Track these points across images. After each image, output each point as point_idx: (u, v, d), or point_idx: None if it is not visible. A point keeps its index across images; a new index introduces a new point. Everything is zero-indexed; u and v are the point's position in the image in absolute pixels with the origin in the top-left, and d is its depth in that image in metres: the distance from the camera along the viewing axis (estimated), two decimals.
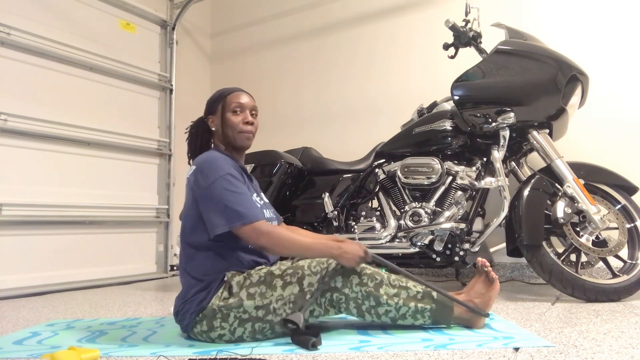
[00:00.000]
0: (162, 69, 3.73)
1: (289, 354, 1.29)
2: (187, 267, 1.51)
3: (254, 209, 1.46)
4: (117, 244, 3.29)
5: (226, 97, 1.61)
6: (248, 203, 1.45)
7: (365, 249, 1.47)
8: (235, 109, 1.59)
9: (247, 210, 1.43)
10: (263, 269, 1.50)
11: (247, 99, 1.62)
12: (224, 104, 1.60)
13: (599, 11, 2.71)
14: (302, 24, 3.79)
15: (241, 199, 1.44)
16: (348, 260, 1.44)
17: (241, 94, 1.63)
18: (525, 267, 2.75)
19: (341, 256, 1.43)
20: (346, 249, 1.44)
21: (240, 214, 1.41)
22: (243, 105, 1.61)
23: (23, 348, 1.44)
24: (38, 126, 2.86)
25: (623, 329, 1.49)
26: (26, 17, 2.86)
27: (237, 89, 1.65)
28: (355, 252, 1.44)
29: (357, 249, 1.45)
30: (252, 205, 1.46)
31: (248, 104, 1.62)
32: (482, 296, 1.54)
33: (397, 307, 1.47)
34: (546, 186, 2.13)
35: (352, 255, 1.43)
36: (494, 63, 2.21)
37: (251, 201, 1.48)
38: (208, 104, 1.65)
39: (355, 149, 3.30)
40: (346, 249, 1.44)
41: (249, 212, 1.43)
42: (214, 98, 1.64)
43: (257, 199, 1.59)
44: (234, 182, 1.47)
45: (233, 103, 1.60)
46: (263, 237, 1.41)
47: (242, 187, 1.48)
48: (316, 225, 2.63)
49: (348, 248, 1.44)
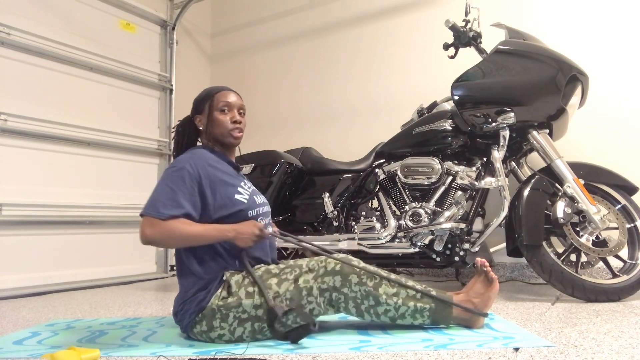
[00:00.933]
0: (162, 69, 3.73)
1: (289, 354, 1.29)
2: (186, 266, 1.51)
3: (169, 207, 1.40)
4: (117, 244, 3.29)
5: (213, 96, 1.61)
6: (167, 199, 1.41)
7: (260, 226, 1.47)
8: (223, 107, 1.59)
9: (155, 203, 1.40)
10: (261, 267, 1.50)
11: (234, 98, 1.61)
12: (212, 103, 1.60)
13: (599, 11, 2.71)
14: (302, 24, 3.79)
15: (167, 193, 1.42)
16: (244, 240, 1.44)
17: (229, 92, 1.62)
18: (525, 267, 2.75)
19: (237, 237, 1.44)
20: (241, 229, 1.44)
21: (148, 205, 1.41)
22: (231, 104, 1.60)
23: (23, 348, 1.44)
24: (38, 126, 2.86)
25: (623, 329, 1.49)
26: (26, 17, 2.86)
27: (224, 87, 1.64)
28: (249, 231, 1.44)
29: (251, 228, 1.45)
30: (170, 202, 1.41)
31: (236, 102, 1.61)
32: (481, 296, 1.54)
33: (397, 307, 1.47)
34: (546, 186, 2.13)
35: (247, 235, 1.44)
36: (494, 63, 2.21)
37: (175, 199, 1.41)
38: (195, 103, 1.65)
39: (355, 149, 3.30)
40: (241, 229, 1.44)
41: (156, 205, 1.40)
42: (201, 97, 1.63)
43: (245, 187, 1.59)
44: (177, 175, 1.45)
45: (221, 102, 1.59)
46: (150, 229, 1.37)
47: (182, 185, 1.44)
48: (316, 225, 2.63)
49: (242, 228, 1.45)
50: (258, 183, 2.59)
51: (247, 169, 2.67)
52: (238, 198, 1.53)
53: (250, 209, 1.54)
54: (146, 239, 1.39)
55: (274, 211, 2.63)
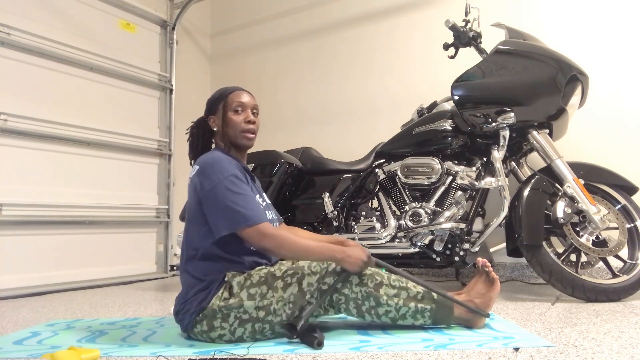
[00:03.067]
0: (162, 69, 3.73)
1: (289, 354, 1.29)
2: (188, 267, 1.51)
3: (258, 211, 1.45)
4: (117, 244, 3.29)
5: (227, 96, 1.60)
6: (252, 205, 1.45)
7: (368, 253, 1.46)
8: (236, 108, 1.59)
9: (250, 212, 1.42)
10: (264, 269, 1.49)
11: (248, 98, 1.62)
12: (225, 104, 1.59)
13: (599, 11, 2.71)
14: (302, 24, 3.79)
15: (245, 200, 1.44)
16: (351, 264, 1.43)
17: (242, 92, 1.62)
18: (525, 267, 2.75)
19: (344, 260, 1.43)
20: (350, 253, 1.43)
21: (245, 216, 1.41)
22: (244, 105, 1.60)
23: (23, 348, 1.44)
24: (38, 126, 2.86)
25: (623, 329, 1.49)
26: (26, 17, 2.86)
27: (238, 87, 1.64)
28: (358, 256, 1.43)
29: (361, 254, 1.44)
30: (255, 207, 1.46)
31: (249, 102, 1.61)
32: (482, 296, 1.54)
33: (397, 308, 1.47)
34: (546, 186, 2.13)
35: (355, 260, 1.43)
36: (494, 63, 2.21)
37: (255, 202, 1.47)
38: (208, 104, 1.64)
39: (355, 149, 3.30)
40: (350, 253, 1.43)
41: (252, 214, 1.42)
42: (215, 98, 1.63)
43: (259, 200, 1.58)
44: (238, 183, 1.46)
45: (234, 102, 1.59)
46: (266, 239, 1.40)
47: (246, 188, 1.48)
48: (316, 225, 2.63)
49: (352, 252, 1.43)
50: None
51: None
52: None
53: None
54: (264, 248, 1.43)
55: None
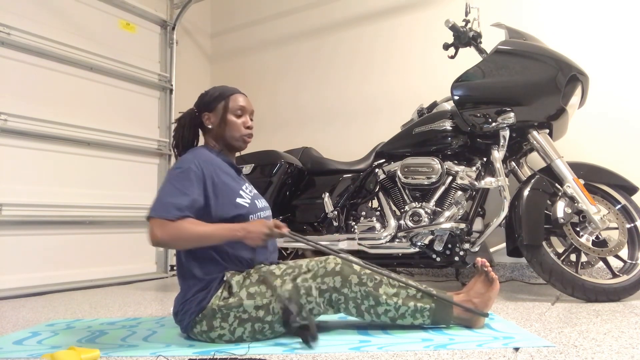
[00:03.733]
0: (162, 69, 3.73)
1: (289, 353, 1.29)
2: (186, 266, 1.51)
3: (174, 207, 1.39)
4: (117, 244, 3.29)
5: (228, 97, 1.61)
6: (175, 199, 1.40)
7: (270, 225, 1.45)
8: (237, 111, 1.60)
9: (162, 205, 1.39)
10: (262, 268, 1.50)
11: (247, 102, 1.64)
12: (226, 105, 1.60)
13: (599, 11, 2.71)
14: (302, 24, 3.79)
15: (172, 193, 1.41)
16: (253, 239, 1.43)
17: (242, 96, 1.64)
18: (525, 267, 2.75)
19: (246, 237, 1.42)
20: (250, 228, 1.43)
21: (156, 206, 1.40)
22: (245, 109, 1.62)
23: (23, 348, 1.44)
24: (38, 126, 2.86)
25: (623, 329, 1.49)
26: (26, 17, 2.86)
27: (237, 90, 1.65)
28: (259, 230, 1.43)
29: (261, 227, 1.44)
30: (177, 203, 1.40)
31: (249, 107, 1.64)
32: (481, 296, 1.54)
33: (397, 307, 1.47)
34: (546, 186, 2.13)
35: (256, 234, 1.43)
36: (494, 63, 2.21)
37: (182, 200, 1.41)
38: (205, 100, 1.63)
39: (355, 149, 3.30)
40: (250, 228, 1.43)
41: (162, 207, 1.39)
42: (214, 96, 1.62)
43: (247, 190, 1.59)
44: (183, 176, 1.44)
45: (237, 105, 1.60)
46: (160, 230, 1.36)
47: (188, 185, 1.44)
48: (316, 225, 2.63)
49: (252, 227, 1.44)
50: (258, 183, 2.58)
51: (247, 169, 2.67)
52: (239, 202, 1.52)
53: (251, 213, 1.54)
54: (156, 240, 1.38)
55: (274, 211, 2.63)
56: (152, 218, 1.39)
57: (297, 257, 2.77)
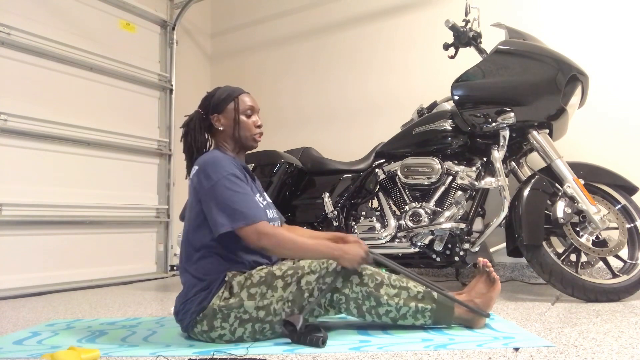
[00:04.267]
0: (162, 69, 3.73)
1: (288, 354, 1.29)
2: (188, 266, 1.51)
3: (257, 210, 1.46)
4: (117, 244, 3.29)
5: (237, 98, 1.62)
6: (251, 203, 1.45)
7: (366, 249, 1.47)
8: (247, 111, 1.62)
9: (249, 211, 1.43)
10: (264, 269, 1.49)
11: (254, 102, 1.67)
12: (237, 105, 1.60)
13: (599, 11, 2.71)
14: (302, 24, 3.79)
15: (244, 199, 1.44)
16: (349, 261, 1.43)
17: (249, 96, 1.67)
18: (525, 267, 2.75)
19: (342, 257, 1.43)
20: (347, 250, 1.44)
21: (243, 214, 1.42)
22: (254, 108, 1.65)
23: (23, 348, 1.44)
24: (38, 126, 2.86)
25: (623, 329, 1.49)
26: (26, 17, 2.85)
27: (243, 89, 1.67)
28: (356, 253, 1.44)
29: (358, 250, 1.44)
30: (254, 206, 1.46)
31: (256, 107, 1.67)
32: (483, 296, 1.54)
33: (398, 307, 1.47)
34: (546, 186, 2.13)
35: (353, 256, 1.43)
36: (494, 63, 2.21)
37: (254, 201, 1.48)
38: (213, 102, 1.61)
39: (355, 149, 3.30)
40: (347, 250, 1.44)
41: (251, 213, 1.43)
42: (222, 97, 1.61)
43: (260, 199, 1.58)
44: (237, 182, 1.47)
45: (247, 105, 1.62)
46: (264, 238, 1.41)
47: (245, 187, 1.49)
48: (316, 225, 2.63)
49: (349, 249, 1.44)
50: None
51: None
52: None
53: None
54: (261, 247, 1.43)
55: None
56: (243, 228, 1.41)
57: None
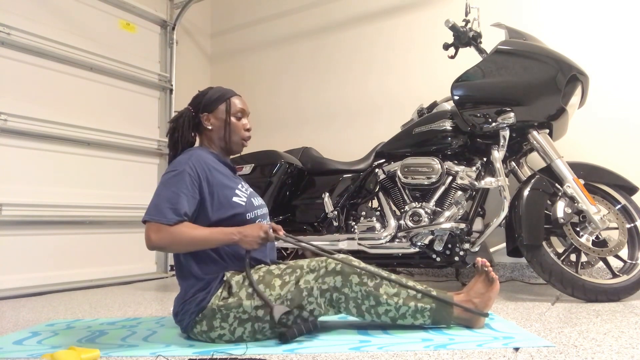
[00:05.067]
0: (162, 69, 3.73)
1: (288, 354, 1.29)
2: (186, 266, 1.51)
3: (169, 210, 1.39)
4: (117, 244, 3.29)
5: (229, 99, 1.62)
6: (170, 203, 1.40)
7: (266, 228, 1.46)
8: (238, 114, 1.62)
9: (161, 208, 1.39)
10: (262, 268, 1.50)
11: (245, 105, 1.67)
12: (228, 107, 1.61)
13: (599, 11, 2.71)
14: (302, 24, 3.78)
15: (168, 196, 1.41)
16: (249, 243, 1.44)
17: (241, 98, 1.67)
18: (525, 267, 2.75)
19: (242, 240, 1.43)
20: (245, 232, 1.44)
21: (152, 210, 1.40)
22: (244, 111, 1.65)
23: (23, 348, 1.44)
24: (38, 126, 2.86)
25: (623, 329, 1.49)
26: (26, 17, 2.85)
27: (234, 92, 1.67)
28: (254, 233, 1.44)
29: (257, 231, 1.45)
30: (173, 206, 1.40)
31: (247, 110, 1.67)
32: (481, 296, 1.54)
33: (397, 307, 1.47)
34: (546, 186, 2.13)
35: (251, 238, 1.44)
36: (494, 63, 2.21)
37: (178, 203, 1.40)
38: (204, 101, 1.62)
39: (355, 149, 3.30)
40: (245, 232, 1.44)
41: (158, 210, 1.39)
42: (214, 97, 1.62)
43: (243, 189, 1.59)
44: (178, 178, 1.44)
45: (238, 108, 1.63)
46: (156, 234, 1.37)
47: (183, 186, 1.43)
48: (316, 225, 2.63)
49: (247, 231, 1.44)
50: (258, 183, 2.58)
51: (247, 169, 2.67)
52: (236, 200, 1.53)
53: (249, 211, 1.54)
54: (152, 244, 1.38)
55: (274, 211, 2.63)
56: (148, 222, 1.39)
57: (297, 257, 2.77)
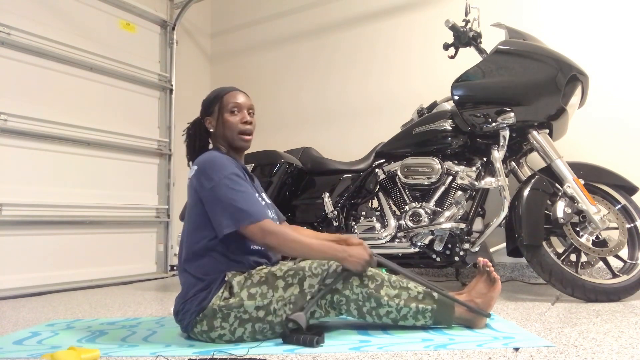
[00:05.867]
0: (162, 69, 3.73)
1: (289, 354, 1.29)
2: (187, 266, 1.51)
3: (260, 208, 1.46)
4: (117, 244, 3.29)
5: (223, 97, 1.61)
6: (253, 202, 1.46)
7: (370, 252, 1.47)
8: (232, 109, 1.59)
9: (253, 209, 1.43)
10: (264, 269, 1.49)
11: (243, 98, 1.62)
12: (221, 105, 1.60)
13: (599, 11, 2.71)
14: (302, 24, 3.78)
15: (246, 198, 1.45)
16: (353, 264, 1.43)
17: (237, 93, 1.62)
18: (525, 267, 2.75)
19: (346, 259, 1.43)
20: (352, 252, 1.44)
21: (248, 213, 1.42)
22: (240, 105, 1.60)
23: (23, 348, 1.44)
24: (38, 126, 2.86)
25: (623, 329, 1.49)
26: (26, 17, 2.85)
27: (233, 88, 1.64)
28: (360, 256, 1.44)
29: (363, 253, 1.45)
30: (257, 204, 1.47)
31: (245, 103, 1.61)
32: (483, 296, 1.54)
33: (398, 308, 1.47)
34: (546, 186, 2.13)
35: (357, 259, 1.43)
36: (494, 63, 2.21)
37: (256, 200, 1.49)
38: (204, 105, 1.64)
39: (355, 149, 3.30)
40: (352, 252, 1.44)
41: (255, 211, 1.43)
42: (210, 99, 1.63)
43: (259, 199, 1.58)
44: (238, 181, 1.47)
45: (230, 103, 1.59)
46: (269, 236, 1.41)
47: (246, 185, 1.49)
48: (316, 225, 2.63)
49: (354, 252, 1.44)
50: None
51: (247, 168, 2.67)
52: None
53: None
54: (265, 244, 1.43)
55: None
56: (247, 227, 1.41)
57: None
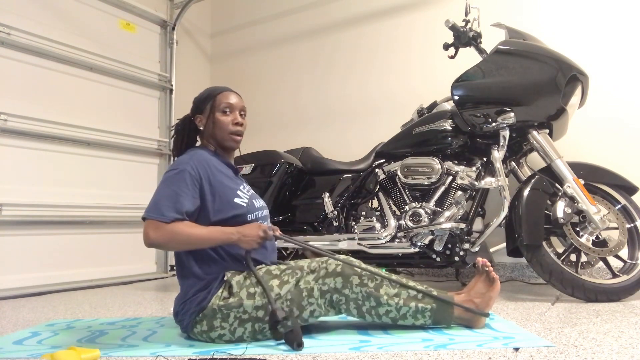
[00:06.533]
0: (162, 69, 3.73)
1: (288, 354, 1.29)
2: (187, 266, 1.51)
3: (168, 208, 1.39)
4: (117, 244, 3.29)
5: (215, 96, 1.61)
6: (173, 201, 1.41)
7: (264, 227, 1.47)
8: (225, 109, 1.59)
9: (158, 206, 1.40)
10: (262, 268, 1.50)
11: (236, 99, 1.62)
12: (214, 104, 1.60)
13: (599, 11, 2.71)
14: (302, 24, 3.78)
15: (170, 195, 1.41)
16: (247, 242, 1.45)
17: (230, 93, 1.62)
18: (525, 267, 2.75)
19: (240, 240, 1.44)
20: (244, 232, 1.45)
21: (151, 208, 1.41)
22: (232, 106, 1.60)
23: (23, 348, 1.44)
24: (38, 126, 2.86)
25: (623, 329, 1.49)
26: (26, 17, 2.85)
27: (226, 88, 1.64)
28: (253, 233, 1.45)
29: (256, 230, 1.46)
30: (173, 205, 1.40)
31: (237, 104, 1.61)
32: (482, 296, 1.54)
33: (398, 308, 1.47)
34: (546, 186, 2.13)
35: (251, 237, 1.45)
36: (494, 63, 2.21)
37: (177, 202, 1.41)
38: (196, 103, 1.65)
39: (355, 149, 3.30)
40: (244, 232, 1.45)
41: (157, 208, 1.40)
42: (203, 97, 1.63)
43: (244, 191, 1.59)
44: (179, 178, 1.44)
45: (222, 103, 1.59)
46: (154, 232, 1.37)
47: (184, 186, 1.44)
48: (316, 225, 2.63)
49: (246, 231, 1.45)
50: (258, 183, 2.58)
51: (247, 169, 2.67)
52: (237, 201, 1.53)
53: (250, 212, 1.54)
54: (150, 242, 1.39)
55: (274, 211, 2.63)
56: (147, 219, 1.40)
57: (297, 257, 2.77)
